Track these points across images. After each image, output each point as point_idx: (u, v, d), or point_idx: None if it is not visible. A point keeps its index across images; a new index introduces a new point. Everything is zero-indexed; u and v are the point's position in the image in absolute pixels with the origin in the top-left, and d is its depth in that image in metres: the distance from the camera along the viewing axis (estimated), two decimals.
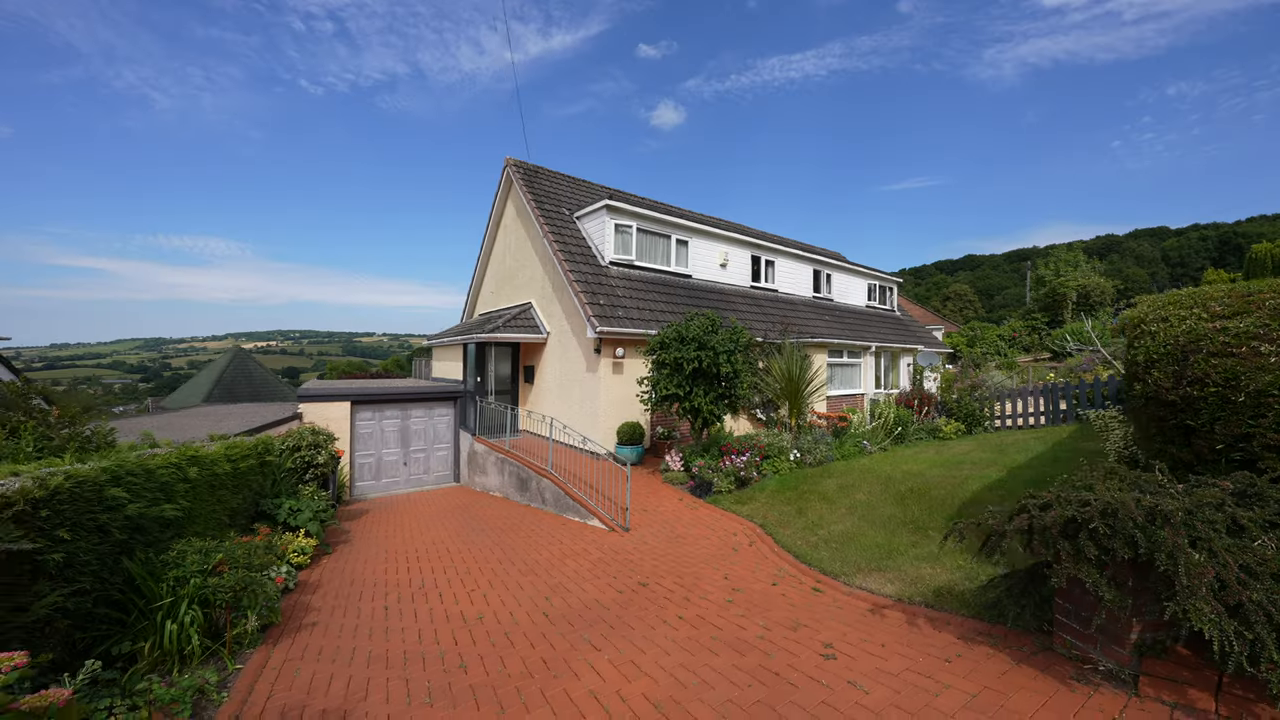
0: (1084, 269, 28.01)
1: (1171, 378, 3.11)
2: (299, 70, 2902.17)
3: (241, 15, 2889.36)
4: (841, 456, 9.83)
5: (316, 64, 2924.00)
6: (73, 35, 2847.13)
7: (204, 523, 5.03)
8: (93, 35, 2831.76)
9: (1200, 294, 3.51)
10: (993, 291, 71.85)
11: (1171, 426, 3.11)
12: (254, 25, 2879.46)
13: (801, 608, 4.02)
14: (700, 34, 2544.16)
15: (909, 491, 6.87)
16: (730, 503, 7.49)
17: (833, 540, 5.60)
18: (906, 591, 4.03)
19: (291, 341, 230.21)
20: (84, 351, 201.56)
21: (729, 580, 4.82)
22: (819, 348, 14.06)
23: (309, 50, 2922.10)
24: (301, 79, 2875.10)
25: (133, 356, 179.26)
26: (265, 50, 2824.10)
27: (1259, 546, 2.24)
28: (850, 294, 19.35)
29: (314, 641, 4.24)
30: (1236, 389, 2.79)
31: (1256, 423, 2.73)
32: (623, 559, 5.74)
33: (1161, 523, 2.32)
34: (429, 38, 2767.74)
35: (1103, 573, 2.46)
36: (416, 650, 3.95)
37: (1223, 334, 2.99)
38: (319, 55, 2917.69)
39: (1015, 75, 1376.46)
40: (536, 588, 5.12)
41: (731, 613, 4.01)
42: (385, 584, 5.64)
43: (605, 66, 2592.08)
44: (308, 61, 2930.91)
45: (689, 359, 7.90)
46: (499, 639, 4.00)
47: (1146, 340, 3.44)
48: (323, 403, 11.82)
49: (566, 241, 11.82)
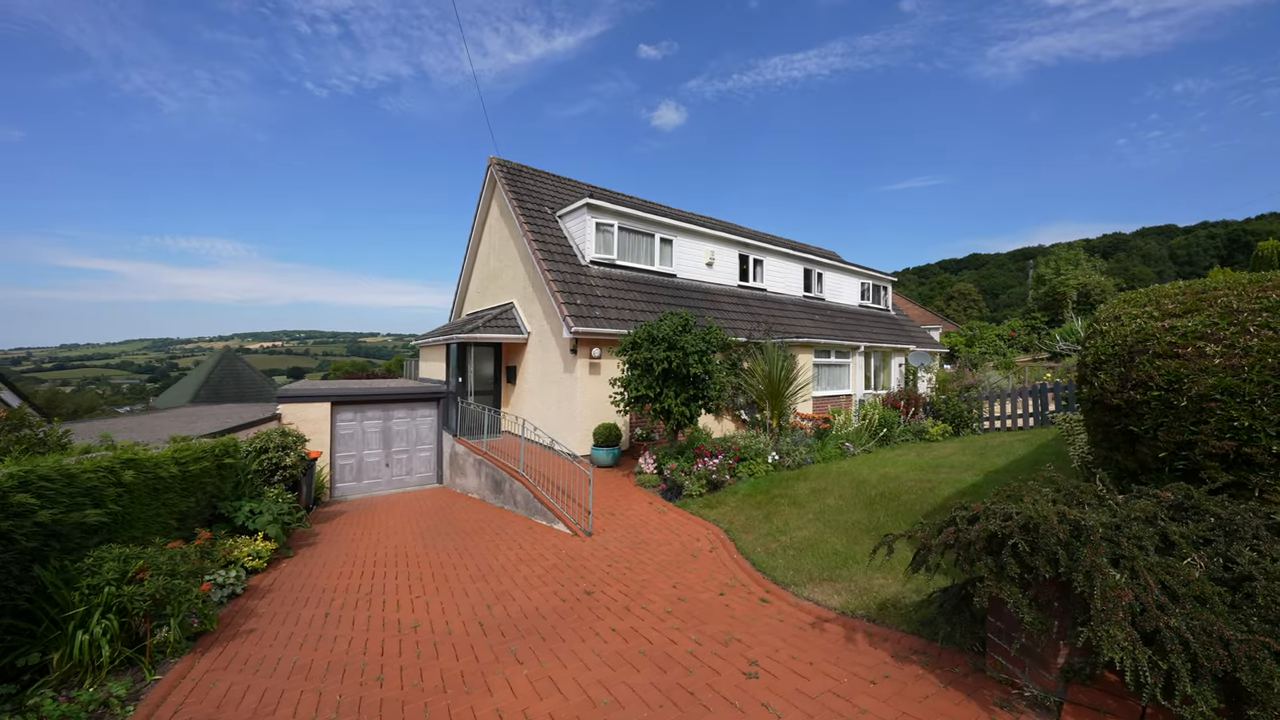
0: (1085, 267, 27.53)
1: (1117, 380, 2.92)
2: (304, 73, 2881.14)
3: (247, 18, 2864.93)
4: (822, 459, 9.63)
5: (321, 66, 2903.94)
6: (82, 39, 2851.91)
7: (144, 527, 4.92)
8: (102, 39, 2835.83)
9: (1157, 291, 3.32)
10: (997, 291, 71.17)
11: (1116, 432, 2.92)
12: (259, 28, 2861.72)
13: (742, 620, 3.85)
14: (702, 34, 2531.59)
15: (879, 496, 6.68)
16: (699, 506, 7.32)
17: (793, 547, 5.42)
18: (853, 604, 3.86)
19: (297, 342, 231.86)
20: (93, 352, 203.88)
21: (676, 589, 4.66)
22: (805, 348, 13.85)
23: (314, 53, 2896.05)
24: (307, 81, 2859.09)
25: (140, 357, 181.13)
26: (271, 53, 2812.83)
27: (1186, 566, 2.05)
28: (843, 293, 19.11)
29: (244, 650, 4.12)
30: (1179, 393, 2.60)
31: (1198, 429, 2.53)
32: (577, 565, 5.58)
33: (1084, 539, 2.14)
34: (432, 39, 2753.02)
35: (1025, 592, 2.29)
36: (342, 661, 3.82)
37: (1170, 333, 2.80)
38: (324, 58, 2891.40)
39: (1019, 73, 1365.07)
40: (482, 594, 4.98)
41: (667, 625, 3.85)
42: (334, 589, 5.52)
43: (607, 67, 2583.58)
44: (313, 64, 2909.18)
45: (659, 359, 7.74)
46: (427, 650, 3.86)
47: (1097, 340, 3.25)
48: (302, 404, 11.74)
49: (546, 240, 11.68)
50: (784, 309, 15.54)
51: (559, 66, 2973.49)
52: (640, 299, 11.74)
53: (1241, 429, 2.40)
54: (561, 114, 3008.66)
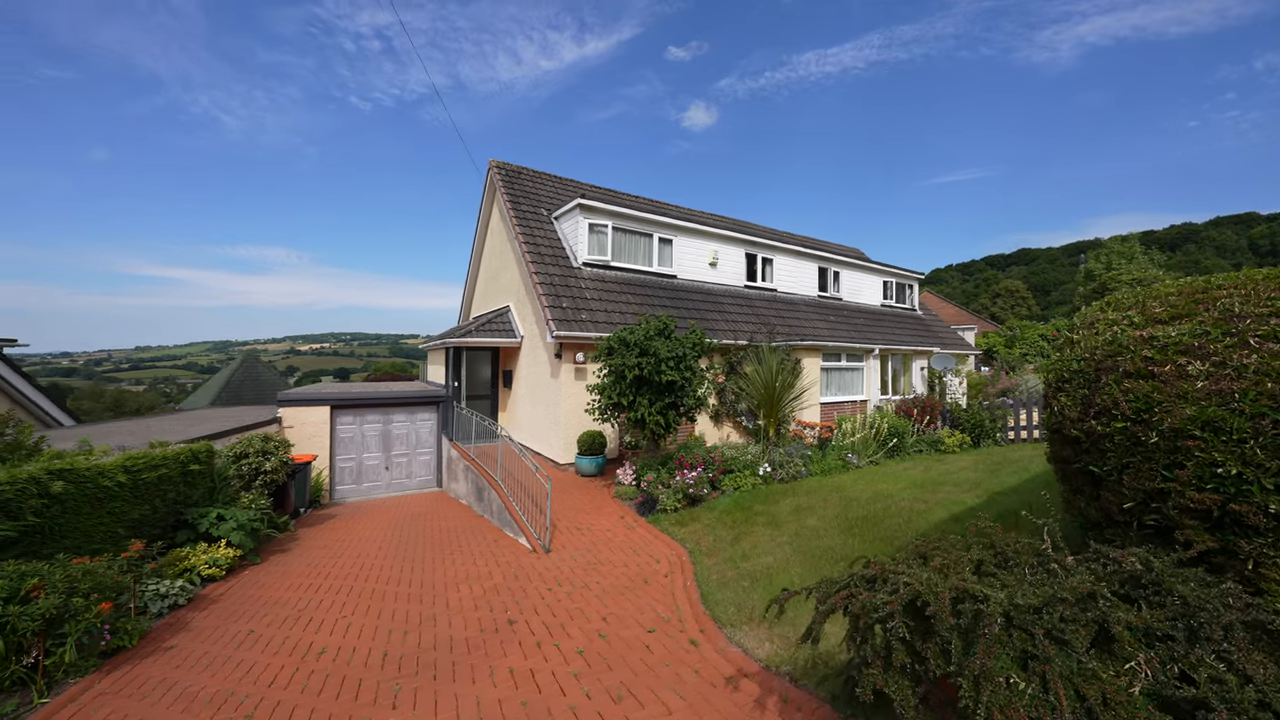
0: (1140, 261, 24.93)
1: (1079, 405, 2.31)
2: (349, 88, 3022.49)
3: (299, 39, 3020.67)
4: (821, 471, 8.96)
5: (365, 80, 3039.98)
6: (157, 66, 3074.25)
7: (80, 537, 4.91)
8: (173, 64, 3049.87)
9: (1149, 292, 2.66)
10: (1048, 287, 66.65)
11: (1076, 471, 2.30)
12: (309, 48, 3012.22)
13: (653, 669, 3.39)
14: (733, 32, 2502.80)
15: (863, 519, 6.02)
16: (670, 523, 6.84)
17: (749, 576, 4.89)
18: (781, 655, 3.33)
19: (343, 344, 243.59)
20: (163, 353, 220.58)
21: (606, 622, 4.23)
22: (811, 351, 13.07)
23: (358, 68, 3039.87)
24: (352, 96, 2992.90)
25: (203, 358, 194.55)
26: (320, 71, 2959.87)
27: (1123, 675, 1.48)
28: (863, 293, 18.07)
29: (148, 671, 3.98)
30: (1149, 425, 1.98)
31: (1172, 474, 1.91)
32: (519, 586, 5.24)
33: (983, 627, 1.60)
34: (468, 50, 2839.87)
35: (916, 689, 1.76)
36: (228, 689, 3.61)
37: (1146, 345, 2.18)
38: (367, 73, 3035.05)
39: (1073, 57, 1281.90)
40: (408, 617, 4.71)
41: (570, 669, 3.44)
42: (276, 603, 5.38)
43: (637, 70, 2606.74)
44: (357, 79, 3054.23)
45: (630, 366, 7.31)
46: (314, 683, 3.59)
47: (1065, 352, 2.63)
48: (302, 407, 11.93)
49: (538, 242, 11.44)
50: (795, 310, 14.77)
51: (589, 72, 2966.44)
52: (634, 301, 11.32)
53: (1228, 477, 1.78)
54: (592, 118, 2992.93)
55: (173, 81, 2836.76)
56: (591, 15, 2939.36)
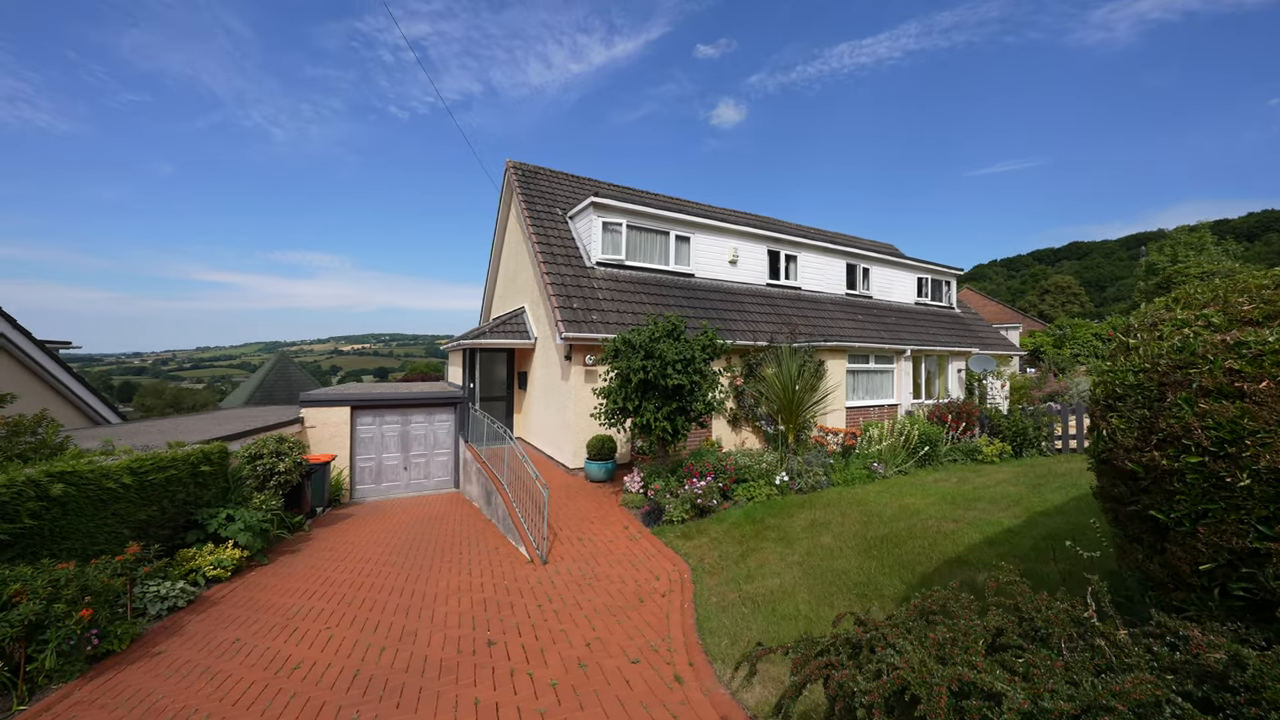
0: (1212, 252, 22.57)
1: (1138, 429, 1.84)
2: (389, 98, 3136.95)
3: (342, 54, 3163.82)
4: (843, 481, 8.40)
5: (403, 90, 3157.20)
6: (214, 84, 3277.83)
7: (83, 539, 4.97)
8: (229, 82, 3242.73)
9: (1234, 284, 2.10)
10: (1104, 283, 62.33)
11: (1132, 515, 1.83)
12: (351, 61, 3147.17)
13: (629, 709, 3.07)
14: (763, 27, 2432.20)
15: (883, 538, 5.50)
16: (675, 535, 6.49)
17: (752, 600, 4.50)
18: (771, 703, 2.95)
19: (382, 344, 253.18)
20: (220, 354, 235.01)
21: (589, 648, 3.93)
22: (836, 352, 12.40)
23: (397, 79, 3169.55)
24: (390, 105, 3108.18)
25: (255, 358, 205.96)
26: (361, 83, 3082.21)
27: None
28: (895, 290, 17.14)
29: (129, 679, 3.94)
30: (1236, 462, 1.51)
31: (1273, 531, 1.44)
32: (508, 601, 5.00)
33: None
34: (500, 57, 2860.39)
35: None
36: (195, 705, 3.51)
37: (1231, 353, 1.69)
38: (405, 83, 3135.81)
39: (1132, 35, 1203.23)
40: (391, 631, 4.54)
41: (537, 705, 3.15)
42: (269, 608, 5.34)
43: (666, 69, 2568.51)
44: (396, 89, 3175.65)
45: (635, 369, 6.99)
46: (278, 703, 3.44)
47: (1118, 361, 2.14)
48: (324, 408, 12.16)
49: (551, 242, 11.27)
50: (820, 309, 14.10)
51: (618, 73, 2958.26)
52: (648, 301, 10.99)
53: None
54: (622, 119, 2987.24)
55: (228, 98, 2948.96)
56: (620, 17, 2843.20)
